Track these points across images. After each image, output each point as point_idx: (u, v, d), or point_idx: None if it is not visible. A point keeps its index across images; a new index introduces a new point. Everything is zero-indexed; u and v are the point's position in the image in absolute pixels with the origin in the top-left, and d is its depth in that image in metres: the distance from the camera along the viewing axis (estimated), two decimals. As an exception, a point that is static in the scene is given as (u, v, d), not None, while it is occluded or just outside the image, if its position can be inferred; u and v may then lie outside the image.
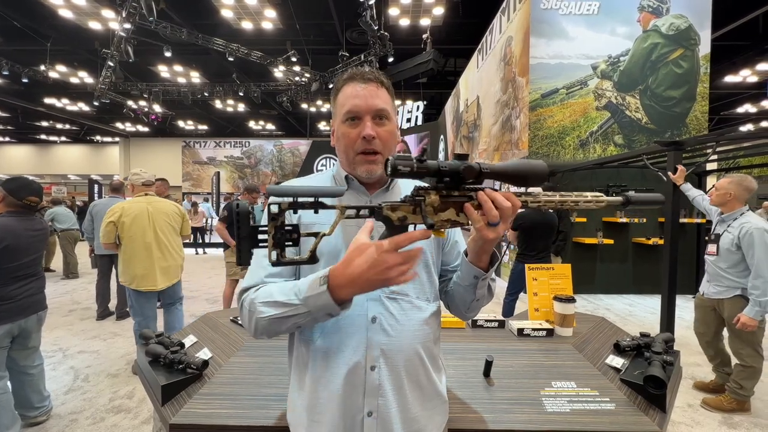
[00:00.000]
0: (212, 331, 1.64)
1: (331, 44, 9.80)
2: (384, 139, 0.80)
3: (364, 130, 0.77)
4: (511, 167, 0.66)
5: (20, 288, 2.16)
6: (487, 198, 0.65)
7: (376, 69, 0.84)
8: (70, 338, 3.80)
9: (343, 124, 0.81)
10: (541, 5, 5.98)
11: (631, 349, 1.41)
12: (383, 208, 0.63)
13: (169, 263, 2.93)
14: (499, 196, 0.65)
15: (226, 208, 4.51)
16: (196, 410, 1.11)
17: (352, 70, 0.84)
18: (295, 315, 0.67)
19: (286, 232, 0.59)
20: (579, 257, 5.81)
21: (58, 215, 6.58)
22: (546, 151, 6.05)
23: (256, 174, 17.53)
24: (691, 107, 6.03)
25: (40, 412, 2.33)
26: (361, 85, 0.79)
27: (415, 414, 0.80)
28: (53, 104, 13.94)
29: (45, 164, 21.49)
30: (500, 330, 1.68)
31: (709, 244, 2.64)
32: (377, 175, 0.81)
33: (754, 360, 2.44)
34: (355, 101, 0.78)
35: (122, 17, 7.13)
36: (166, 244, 2.91)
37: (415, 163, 0.60)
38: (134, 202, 2.90)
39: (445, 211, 0.66)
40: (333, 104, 0.85)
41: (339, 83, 0.83)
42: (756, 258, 2.31)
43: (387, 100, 0.82)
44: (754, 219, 2.42)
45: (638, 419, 1.08)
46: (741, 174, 2.69)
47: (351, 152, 0.80)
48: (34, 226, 2.27)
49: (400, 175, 0.60)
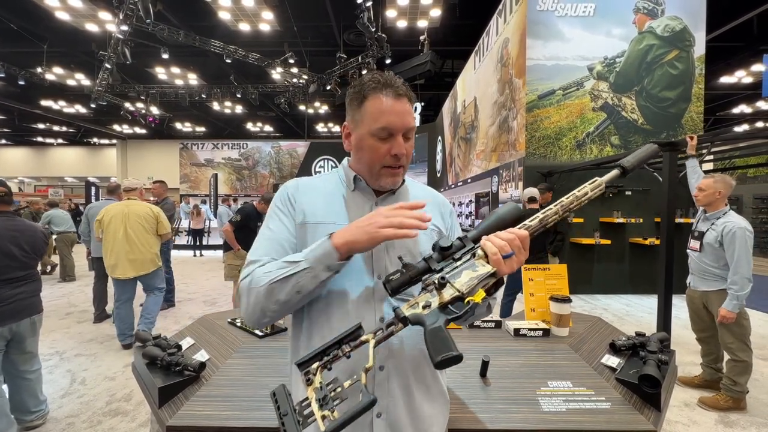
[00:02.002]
0: (209, 333, 1.64)
1: (328, 46, 9.81)
2: (408, 153, 0.82)
3: (397, 148, 0.78)
4: (489, 224, 0.73)
5: (8, 291, 2.10)
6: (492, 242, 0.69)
7: (403, 81, 0.82)
8: (67, 341, 3.79)
9: (371, 137, 0.78)
10: (538, 7, 6.01)
11: (627, 349, 1.42)
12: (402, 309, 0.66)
13: (137, 256, 3.46)
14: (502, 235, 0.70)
15: (240, 212, 4.39)
16: (194, 412, 1.11)
17: (382, 77, 0.79)
18: (296, 273, 0.69)
19: (329, 389, 0.56)
20: (576, 257, 5.83)
21: (55, 218, 6.56)
22: (543, 152, 6.08)
23: (253, 176, 17.51)
24: (686, 108, 6.07)
25: (36, 416, 2.31)
26: (394, 100, 0.77)
27: (423, 413, 0.81)
28: (50, 106, 13.89)
29: (42, 166, 21.40)
30: (497, 330, 1.68)
31: (692, 240, 2.76)
32: (398, 185, 0.86)
33: (745, 353, 2.51)
34: (391, 118, 0.77)
35: (119, 19, 7.12)
36: (135, 240, 3.46)
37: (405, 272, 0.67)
38: (115, 205, 3.55)
39: (462, 273, 0.69)
40: (356, 109, 0.81)
41: (366, 89, 0.79)
42: (736, 255, 2.43)
43: (414, 116, 0.84)
44: (735, 218, 2.53)
45: (633, 418, 1.09)
46: (719, 174, 2.85)
47: (377, 165, 0.81)
48: (16, 225, 2.20)
49: (399, 291, 0.67)
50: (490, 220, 0.74)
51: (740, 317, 2.50)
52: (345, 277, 0.78)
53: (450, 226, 0.94)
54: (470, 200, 9.27)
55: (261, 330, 1.59)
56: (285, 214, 0.83)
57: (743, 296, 2.41)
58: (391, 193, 0.87)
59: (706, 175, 2.81)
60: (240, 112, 15.03)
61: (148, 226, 3.55)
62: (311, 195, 0.85)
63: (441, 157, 12.86)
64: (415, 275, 0.67)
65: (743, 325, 2.51)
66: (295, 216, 0.83)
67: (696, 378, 2.86)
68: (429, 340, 0.60)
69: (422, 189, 0.96)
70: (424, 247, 0.84)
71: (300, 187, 0.87)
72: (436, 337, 0.60)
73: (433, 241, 0.87)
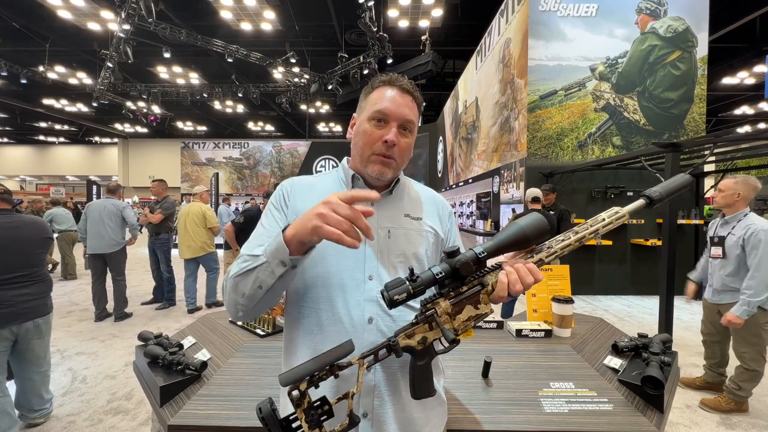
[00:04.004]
0: (211, 332, 1.64)
1: (330, 46, 9.81)
2: (402, 149, 0.82)
3: (389, 134, 0.78)
4: (508, 237, 0.65)
5: (9, 292, 2.03)
6: (512, 270, 0.65)
7: (413, 83, 0.85)
8: (69, 340, 3.79)
9: (368, 122, 0.81)
10: (540, 7, 6.00)
11: (629, 350, 1.42)
12: (398, 341, 0.63)
13: (190, 244, 4.69)
14: (523, 270, 0.65)
15: (244, 214, 4.57)
16: (195, 411, 1.11)
17: (393, 75, 0.84)
18: (255, 267, 0.68)
19: (316, 408, 0.56)
20: (578, 258, 5.82)
21: (57, 216, 6.58)
22: (544, 153, 6.07)
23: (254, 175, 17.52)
24: (688, 109, 6.06)
25: (39, 415, 2.32)
26: (397, 92, 0.81)
27: (412, 416, 0.80)
28: (52, 105, 13.92)
29: (43, 165, 21.45)
30: (499, 331, 1.68)
31: (713, 247, 2.59)
32: (387, 178, 0.83)
33: (758, 364, 2.43)
34: (387, 104, 0.79)
35: (121, 18, 7.12)
36: (189, 232, 4.69)
37: (409, 285, 0.60)
38: (185, 206, 4.81)
39: (462, 312, 0.65)
40: (363, 100, 0.86)
41: (376, 82, 0.84)
42: (758, 258, 2.30)
43: (416, 115, 0.84)
44: (758, 220, 2.40)
45: (636, 420, 1.08)
46: (743, 174, 2.65)
47: (368, 150, 0.81)
48: (14, 222, 2.14)
49: (398, 304, 0.60)
50: (510, 232, 0.66)
51: (760, 328, 2.37)
52: (335, 276, 0.78)
53: (448, 229, 0.93)
54: (471, 200, 9.26)
55: (262, 329, 1.59)
56: (278, 211, 0.84)
57: (756, 303, 2.28)
58: (389, 192, 0.87)
59: (728, 176, 2.66)
60: (241, 112, 15.05)
61: (199, 221, 4.71)
62: (306, 193, 0.86)
63: (442, 157, 12.85)
64: (419, 291, 0.62)
65: (762, 336, 2.39)
66: (288, 214, 0.83)
67: (698, 380, 2.83)
68: (416, 375, 0.63)
69: (421, 189, 0.96)
70: (417, 249, 0.83)
71: (295, 186, 0.88)
72: (422, 374, 0.64)
73: (428, 242, 0.87)
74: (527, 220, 0.66)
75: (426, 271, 0.63)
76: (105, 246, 4.28)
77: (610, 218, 0.68)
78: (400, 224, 0.84)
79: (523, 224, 0.65)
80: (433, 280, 0.62)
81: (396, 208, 0.87)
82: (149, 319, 4.50)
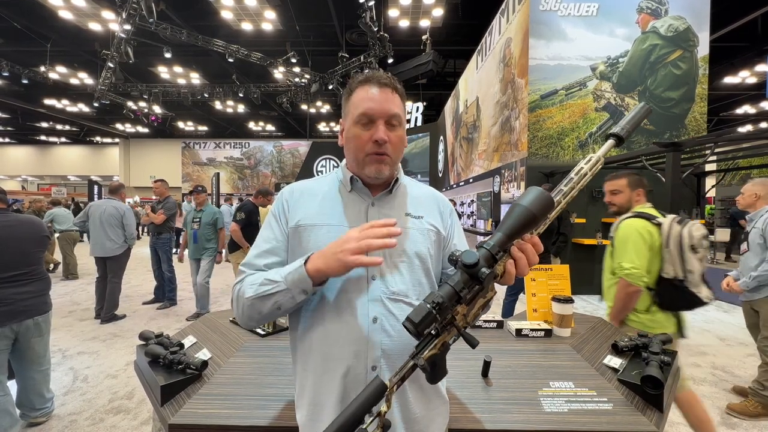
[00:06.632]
0: (211, 331, 1.65)
1: (330, 45, 9.82)
2: (394, 143, 0.81)
3: (377, 133, 0.78)
4: (517, 223, 0.63)
5: (8, 290, 2.04)
6: (521, 256, 0.65)
7: (390, 74, 0.84)
8: (70, 339, 3.80)
9: (355, 126, 0.81)
10: (540, 6, 5.99)
11: (629, 350, 1.42)
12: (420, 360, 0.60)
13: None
14: (530, 250, 0.65)
15: (243, 210, 4.42)
16: (196, 410, 1.11)
17: (368, 72, 0.84)
18: (276, 292, 0.73)
19: None
20: (578, 258, 5.81)
21: (58, 216, 6.58)
22: (545, 152, 6.06)
23: (255, 175, 17.53)
24: (689, 108, 6.04)
25: (40, 414, 2.32)
26: (376, 89, 0.80)
27: (417, 414, 0.80)
28: (53, 105, 13.96)
29: (45, 165, 21.50)
30: (498, 330, 1.68)
31: (742, 245, 2.74)
32: (385, 176, 0.82)
33: None
34: (369, 104, 0.79)
35: (122, 18, 7.14)
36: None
37: (435, 313, 0.57)
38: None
39: (475, 306, 0.65)
40: (345, 104, 0.85)
41: (353, 84, 0.84)
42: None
43: (400, 106, 0.83)
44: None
45: (636, 419, 1.09)
46: (762, 177, 2.83)
47: (361, 153, 0.81)
48: (9, 221, 2.14)
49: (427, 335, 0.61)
50: (517, 216, 0.62)
51: None
52: (339, 278, 0.78)
53: (450, 225, 0.92)
54: (472, 200, 9.26)
55: (263, 329, 1.59)
56: (278, 220, 0.86)
57: (762, 279, 2.41)
58: (388, 192, 0.86)
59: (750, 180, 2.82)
60: (242, 112, 15.06)
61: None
62: (306, 198, 0.87)
63: (443, 156, 12.84)
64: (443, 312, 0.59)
65: None
66: (288, 221, 0.84)
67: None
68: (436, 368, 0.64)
69: (421, 187, 0.95)
70: (419, 248, 0.84)
71: (294, 192, 0.89)
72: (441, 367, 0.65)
73: (429, 240, 0.86)
74: (529, 197, 0.63)
75: (444, 287, 0.60)
76: (104, 250, 4.30)
77: (588, 166, 0.68)
78: (401, 223, 0.84)
79: (526, 203, 0.62)
80: (456, 297, 0.60)
81: (397, 208, 0.86)
82: (150, 318, 4.51)
